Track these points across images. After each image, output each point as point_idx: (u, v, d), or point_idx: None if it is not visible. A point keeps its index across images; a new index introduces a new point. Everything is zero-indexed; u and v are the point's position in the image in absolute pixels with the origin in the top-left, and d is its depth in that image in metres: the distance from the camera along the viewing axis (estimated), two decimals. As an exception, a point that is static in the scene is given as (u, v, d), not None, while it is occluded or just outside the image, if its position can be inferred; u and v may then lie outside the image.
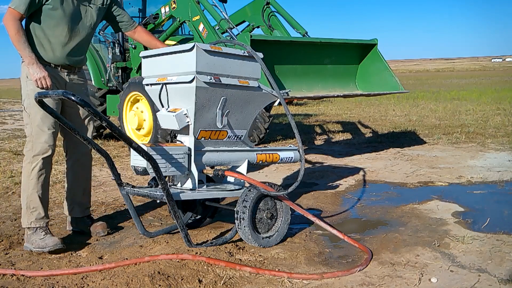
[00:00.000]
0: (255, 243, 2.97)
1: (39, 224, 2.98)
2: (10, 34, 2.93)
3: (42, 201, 2.99)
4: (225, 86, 2.99)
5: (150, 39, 3.54)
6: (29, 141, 2.98)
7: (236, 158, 3.28)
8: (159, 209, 3.94)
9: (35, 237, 2.97)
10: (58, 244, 2.90)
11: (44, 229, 3.00)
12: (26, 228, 3.01)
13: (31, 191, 2.97)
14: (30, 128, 2.99)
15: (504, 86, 23.89)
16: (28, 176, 2.97)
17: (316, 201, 4.17)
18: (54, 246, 2.90)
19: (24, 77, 3.03)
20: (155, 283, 2.43)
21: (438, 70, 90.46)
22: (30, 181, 2.96)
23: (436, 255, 2.84)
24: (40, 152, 2.95)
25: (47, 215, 3.04)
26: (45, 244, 2.91)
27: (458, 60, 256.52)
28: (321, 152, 6.74)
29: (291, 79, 5.15)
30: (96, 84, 7.36)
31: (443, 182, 4.77)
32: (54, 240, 2.92)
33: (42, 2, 2.94)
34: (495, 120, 9.72)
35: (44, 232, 2.98)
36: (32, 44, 2.99)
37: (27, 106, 3.01)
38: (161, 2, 6.68)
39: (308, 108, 15.24)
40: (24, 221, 3.01)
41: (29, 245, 2.97)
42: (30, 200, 2.97)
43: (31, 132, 2.98)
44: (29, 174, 2.96)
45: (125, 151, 6.82)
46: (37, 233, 2.97)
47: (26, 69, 2.99)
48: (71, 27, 3.05)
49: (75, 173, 3.28)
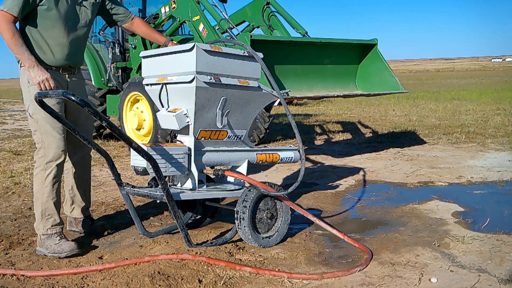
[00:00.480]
0: (255, 243, 2.97)
1: (55, 230, 2.95)
2: (6, 38, 2.82)
3: (56, 207, 2.97)
4: (225, 86, 2.99)
5: (149, 32, 3.46)
6: (41, 148, 2.93)
7: (236, 158, 3.28)
8: (159, 209, 3.94)
9: (50, 242, 2.92)
10: (74, 249, 2.87)
11: (59, 234, 2.96)
12: (41, 234, 2.97)
13: (46, 198, 2.93)
14: (39, 134, 2.93)
15: (504, 86, 23.89)
16: (42, 184, 2.92)
17: (316, 201, 4.17)
18: (71, 251, 2.87)
19: (25, 82, 2.96)
20: (155, 283, 2.43)
21: (438, 70, 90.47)
22: (45, 189, 2.92)
23: (436, 255, 2.84)
24: (53, 158, 2.91)
25: (62, 221, 3.02)
26: (61, 250, 2.87)
27: (458, 60, 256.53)
28: (321, 152, 6.74)
29: (291, 79, 5.15)
30: (96, 84, 7.36)
31: (443, 182, 4.77)
32: (70, 245, 2.89)
33: (36, 3, 2.84)
34: (495, 120, 9.72)
35: (60, 237, 2.94)
36: (30, 47, 2.90)
37: (33, 112, 2.92)
38: (161, 2, 6.67)
39: (308, 108, 15.24)
40: (40, 227, 2.95)
41: (44, 250, 2.93)
42: (46, 207, 2.93)
43: (41, 138, 2.92)
44: (43, 181, 2.91)
45: (125, 151, 6.82)
46: (52, 238, 2.93)
47: (26, 74, 2.91)
48: (68, 27, 2.97)
49: (75, 174, 3.25)
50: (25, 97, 2.98)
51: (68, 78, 3.07)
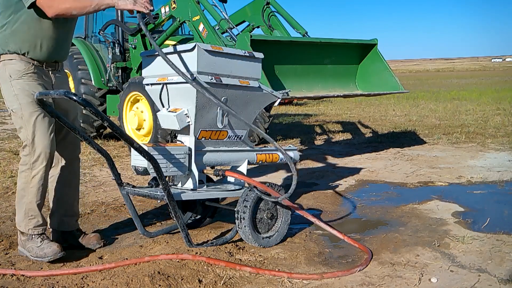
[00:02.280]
0: (255, 243, 2.97)
1: (37, 231, 2.81)
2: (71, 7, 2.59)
3: (39, 208, 2.81)
4: (226, 86, 2.99)
5: None
6: (26, 145, 2.73)
7: (236, 158, 3.28)
8: (159, 209, 3.94)
9: (31, 244, 2.80)
10: (58, 253, 2.75)
11: (41, 235, 2.82)
12: (20, 232, 2.85)
13: (30, 199, 2.77)
14: (25, 131, 2.73)
15: (504, 86, 23.90)
16: (27, 183, 2.76)
17: (316, 201, 4.17)
18: (54, 256, 2.74)
19: (6, 77, 2.74)
20: (155, 283, 2.43)
21: (438, 70, 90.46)
22: (30, 189, 2.76)
23: (436, 255, 2.84)
24: (41, 157, 2.73)
25: (45, 221, 2.88)
26: (44, 254, 2.75)
27: (458, 60, 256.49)
28: (321, 152, 6.74)
29: (291, 79, 5.16)
30: (96, 84, 7.36)
31: (443, 182, 4.77)
32: (53, 249, 2.75)
33: None
34: (495, 120, 9.73)
35: (41, 238, 2.80)
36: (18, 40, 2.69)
37: (18, 108, 2.72)
38: (161, 2, 6.67)
39: (308, 108, 15.24)
40: (21, 225, 2.82)
41: (26, 252, 2.83)
42: (29, 208, 2.78)
43: (27, 136, 2.72)
44: (29, 181, 2.75)
45: (125, 151, 6.82)
46: (34, 240, 2.80)
47: (7, 68, 2.73)
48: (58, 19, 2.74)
49: (64, 180, 3.01)
50: (7, 93, 2.77)
51: (52, 73, 2.87)
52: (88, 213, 3.86)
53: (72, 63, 7.50)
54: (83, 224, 3.51)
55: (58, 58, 2.90)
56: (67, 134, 2.97)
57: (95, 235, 3.09)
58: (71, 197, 3.06)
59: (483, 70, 78.29)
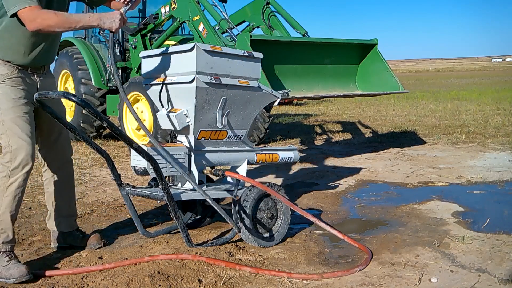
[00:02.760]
0: (255, 243, 2.97)
1: (6, 248, 2.61)
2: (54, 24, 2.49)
3: (13, 221, 2.62)
4: (225, 86, 2.99)
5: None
6: (7, 152, 2.57)
7: (236, 158, 3.28)
8: (159, 209, 3.94)
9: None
10: (24, 275, 2.52)
11: (9, 254, 2.61)
12: None
13: (3, 209, 2.58)
14: (6, 137, 2.58)
15: (504, 86, 23.89)
16: (2, 191, 2.57)
17: (316, 201, 4.17)
18: (20, 278, 2.51)
19: None
20: (155, 283, 2.43)
21: (438, 70, 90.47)
22: (4, 198, 2.57)
23: (436, 255, 2.84)
24: (21, 164, 2.56)
25: (14, 238, 2.66)
26: (9, 275, 2.53)
27: (458, 60, 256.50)
28: (321, 152, 6.74)
29: (291, 79, 5.16)
30: (96, 84, 7.36)
31: (443, 182, 4.77)
32: (20, 270, 2.53)
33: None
34: (495, 120, 9.72)
35: (8, 258, 2.59)
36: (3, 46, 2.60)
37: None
38: (161, 2, 6.67)
39: (308, 108, 15.24)
40: None
41: None
42: (1, 219, 2.58)
43: (8, 142, 2.57)
44: (5, 189, 2.57)
45: (125, 151, 6.82)
46: (0, 259, 2.58)
47: None
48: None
49: (58, 183, 2.95)
50: None
51: (37, 77, 2.75)
52: (88, 213, 3.86)
53: (72, 63, 7.51)
54: (83, 224, 3.51)
55: (44, 63, 2.80)
56: (58, 137, 2.90)
57: (95, 235, 3.07)
58: (67, 198, 3.02)
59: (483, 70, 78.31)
